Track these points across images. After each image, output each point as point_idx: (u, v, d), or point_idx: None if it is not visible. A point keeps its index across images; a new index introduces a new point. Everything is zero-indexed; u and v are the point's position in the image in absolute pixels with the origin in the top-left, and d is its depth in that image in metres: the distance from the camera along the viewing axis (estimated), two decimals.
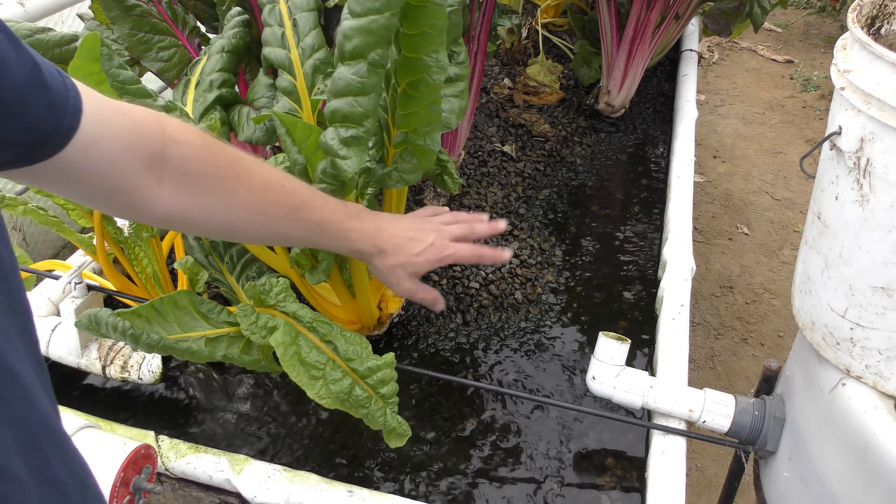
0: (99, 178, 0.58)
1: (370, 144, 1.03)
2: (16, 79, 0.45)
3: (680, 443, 0.99)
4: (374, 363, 0.91)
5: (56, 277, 1.22)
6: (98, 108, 0.55)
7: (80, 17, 1.59)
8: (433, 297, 0.94)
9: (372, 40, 0.77)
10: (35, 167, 0.52)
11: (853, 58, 0.76)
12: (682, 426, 1.01)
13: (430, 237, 0.89)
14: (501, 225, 0.96)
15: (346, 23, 0.78)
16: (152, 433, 1.03)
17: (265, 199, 0.75)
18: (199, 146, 0.68)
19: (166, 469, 1.00)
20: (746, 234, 2.77)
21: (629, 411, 1.09)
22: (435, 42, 0.84)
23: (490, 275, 1.38)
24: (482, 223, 0.95)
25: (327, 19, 1.20)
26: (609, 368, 1.03)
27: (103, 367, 1.15)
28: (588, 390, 1.06)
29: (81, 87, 0.53)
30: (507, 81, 2.08)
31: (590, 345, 1.25)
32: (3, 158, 0.48)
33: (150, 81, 1.44)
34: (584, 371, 1.17)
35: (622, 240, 1.55)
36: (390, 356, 0.93)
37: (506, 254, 0.94)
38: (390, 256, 0.87)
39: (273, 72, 1.25)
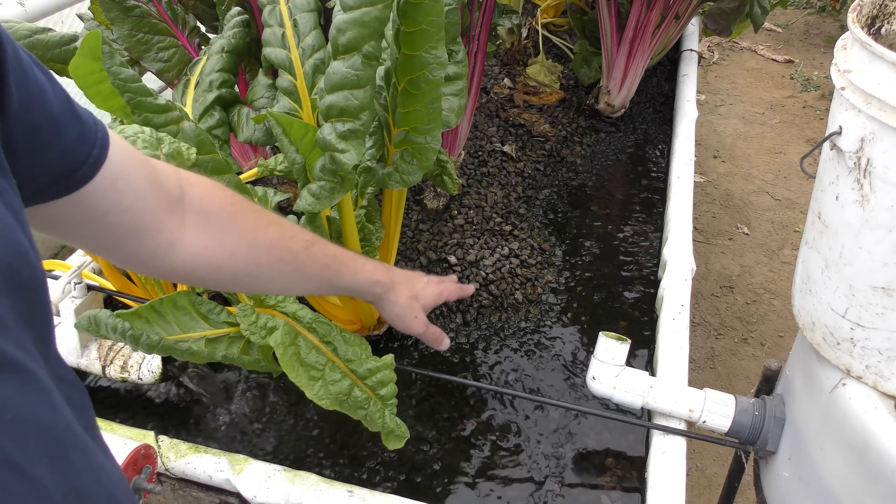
0: (126, 214, 0.58)
1: (370, 143, 1.02)
2: (52, 107, 0.48)
3: (680, 443, 0.99)
4: (373, 364, 0.91)
5: (56, 277, 1.22)
6: (122, 145, 0.57)
7: (80, 17, 1.59)
8: (440, 334, 1.00)
9: (366, 32, 0.77)
10: (66, 201, 0.53)
11: (853, 58, 0.76)
12: (682, 426, 1.01)
13: (424, 277, 0.99)
14: (469, 289, 1.08)
15: (339, 17, 0.78)
16: (152, 433, 1.03)
17: (283, 233, 0.75)
18: (213, 186, 0.69)
19: (166, 469, 1.00)
20: (746, 234, 2.77)
21: (629, 411, 1.09)
22: (433, 39, 0.84)
23: (490, 275, 1.37)
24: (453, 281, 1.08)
25: (327, 20, 1.20)
26: (609, 368, 1.03)
27: (103, 368, 1.15)
28: (588, 390, 1.06)
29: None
30: (507, 81, 2.08)
31: (590, 345, 1.25)
32: (38, 186, 0.50)
33: (150, 81, 1.44)
34: (584, 371, 1.17)
35: (622, 240, 1.54)
36: (389, 358, 0.93)
37: (470, 288, 1.08)
38: (403, 288, 0.92)
39: (273, 72, 1.25)
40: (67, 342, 1.15)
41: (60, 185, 0.51)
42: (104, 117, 0.72)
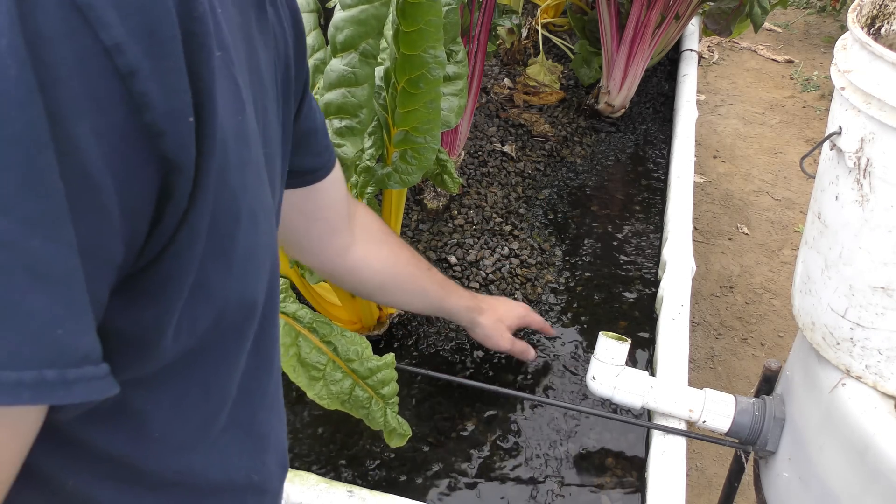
0: (332, 211, 0.73)
1: (370, 143, 1.03)
2: (317, 119, 0.61)
3: (680, 443, 0.99)
4: (374, 364, 0.91)
5: None
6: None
7: None
8: (525, 347, 1.13)
9: (363, 30, 0.78)
10: (302, 192, 0.66)
11: (853, 58, 0.76)
12: (682, 426, 1.01)
13: (509, 302, 1.15)
14: (551, 331, 1.22)
15: (338, 15, 0.79)
16: None
17: (413, 254, 0.93)
18: (366, 208, 0.86)
19: None
20: (746, 234, 2.77)
21: (629, 411, 1.09)
22: (432, 38, 0.85)
23: (490, 275, 1.38)
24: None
25: (327, 20, 1.20)
26: (609, 368, 1.03)
27: None
28: (588, 390, 1.06)
29: None
30: (507, 81, 2.08)
31: (590, 345, 1.25)
32: (292, 176, 0.62)
33: None
34: (584, 371, 1.17)
35: (622, 240, 1.55)
36: (390, 357, 0.93)
37: (552, 331, 1.22)
38: (489, 313, 1.08)
39: None
40: None
41: (308, 177, 0.65)
42: None
